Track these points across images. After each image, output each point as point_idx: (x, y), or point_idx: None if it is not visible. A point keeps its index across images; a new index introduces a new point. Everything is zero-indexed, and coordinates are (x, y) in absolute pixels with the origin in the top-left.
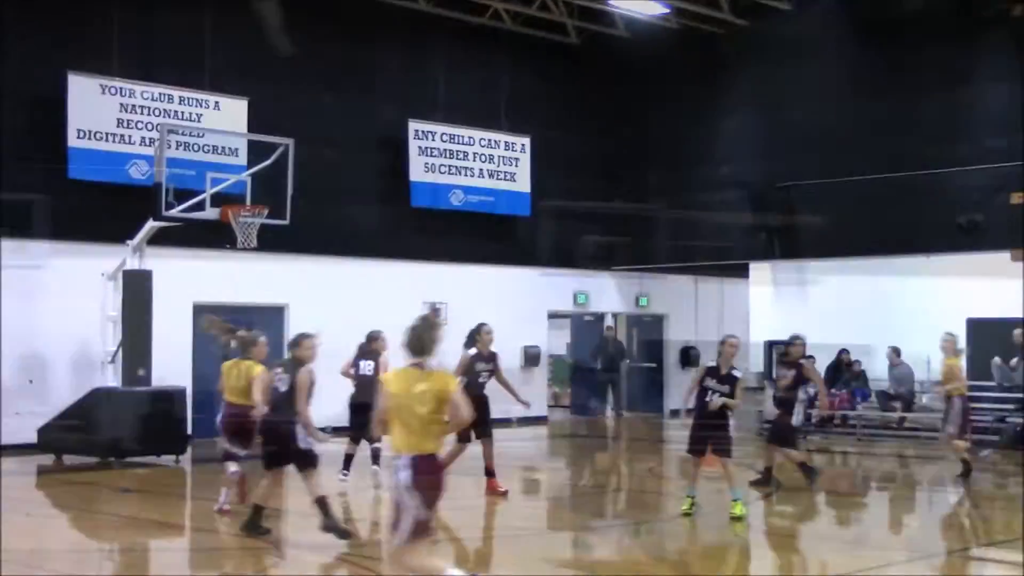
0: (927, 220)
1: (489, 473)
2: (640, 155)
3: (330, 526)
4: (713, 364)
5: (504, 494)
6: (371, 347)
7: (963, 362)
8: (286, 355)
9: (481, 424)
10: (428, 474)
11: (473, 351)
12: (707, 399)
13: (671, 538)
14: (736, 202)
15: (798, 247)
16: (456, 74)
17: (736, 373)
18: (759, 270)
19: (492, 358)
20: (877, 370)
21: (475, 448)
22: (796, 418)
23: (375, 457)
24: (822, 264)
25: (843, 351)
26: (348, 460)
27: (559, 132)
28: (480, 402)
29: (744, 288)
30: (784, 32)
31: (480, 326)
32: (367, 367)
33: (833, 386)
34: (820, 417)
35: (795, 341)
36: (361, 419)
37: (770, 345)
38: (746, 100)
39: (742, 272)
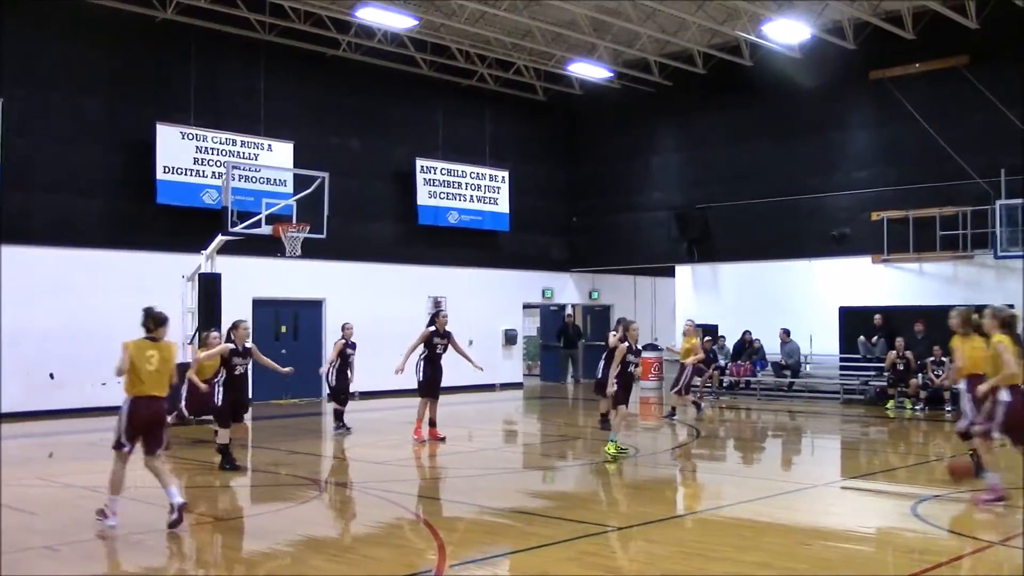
0: (808, 232)
1: (432, 424)
2: (593, 183)
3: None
4: (628, 344)
5: (443, 439)
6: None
7: (699, 340)
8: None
9: (436, 385)
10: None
11: (432, 328)
12: (629, 370)
13: (615, 475)
14: (665, 220)
15: (712, 253)
16: (452, 122)
17: (640, 351)
18: (683, 271)
19: (447, 335)
20: (772, 347)
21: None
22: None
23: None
24: (730, 266)
25: (746, 332)
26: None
27: (531, 166)
28: (436, 368)
29: (671, 284)
30: (699, 90)
31: (438, 311)
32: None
33: (738, 359)
34: (731, 382)
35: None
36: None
37: None
38: (672, 142)
39: (670, 272)
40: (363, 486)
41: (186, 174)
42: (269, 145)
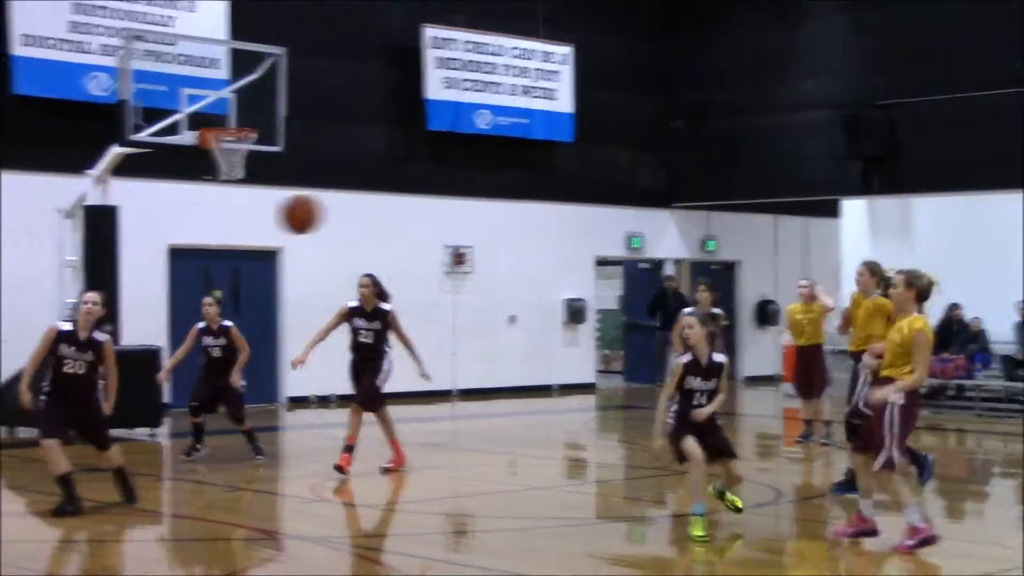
0: None
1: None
2: (706, 67)
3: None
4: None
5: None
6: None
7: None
8: None
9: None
10: None
11: (352, 303)
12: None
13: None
14: (825, 125)
15: (901, 180)
16: None
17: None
18: (853, 207)
19: (377, 315)
20: (1001, 330)
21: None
22: None
23: None
24: (930, 200)
25: (955, 306)
26: None
27: (607, 39)
28: (362, 367)
29: (834, 229)
30: None
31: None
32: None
33: (944, 349)
34: (932, 387)
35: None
36: None
37: None
38: (838, 1)
39: (831, 210)
40: (360, 542)
41: (59, 48)
42: (191, 4)
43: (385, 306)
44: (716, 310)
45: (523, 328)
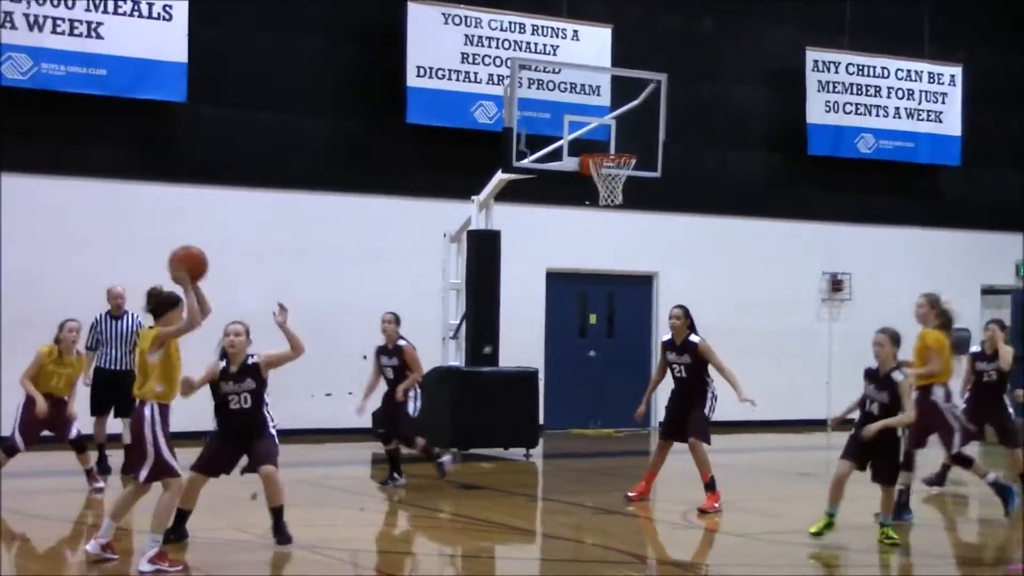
0: None
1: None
2: None
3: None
4: None
5: None
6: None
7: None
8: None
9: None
10: None
11: (666, 337)
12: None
13: None
14: None
15: None
16: None
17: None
18: None
19: (686, 348)
20: None
21: None
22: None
23: None
24: None
25: None
26: None
27: (1001, 57)
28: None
29: None
30: None
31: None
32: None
33: None
34: None
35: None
36: None
37: None
38: None
39: None
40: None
41: (451, 78)
42: (575, 32)
43: (694, 338)
44: None
45: (901, 356)
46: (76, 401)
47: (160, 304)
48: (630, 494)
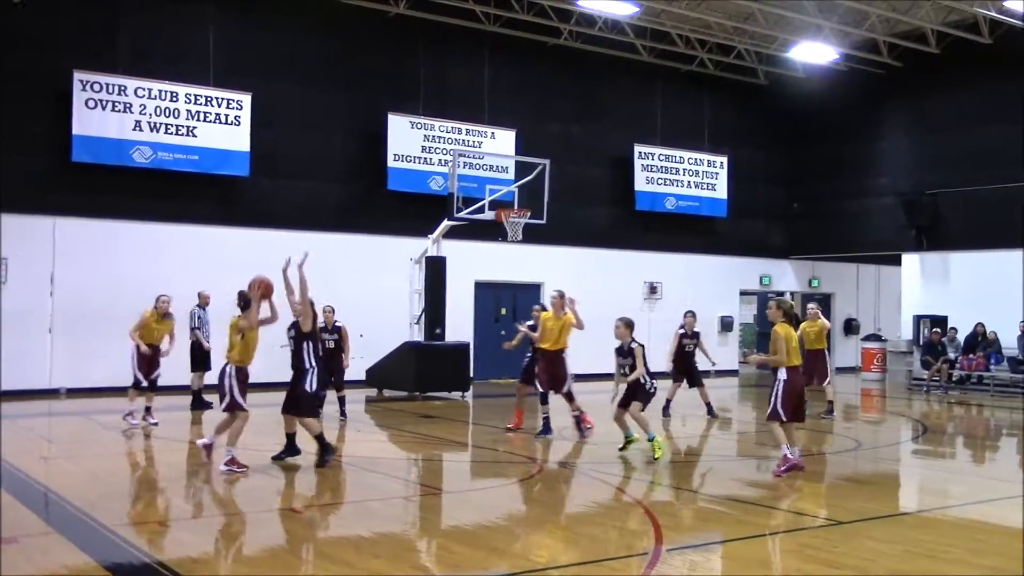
0: None
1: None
2: (815, 168)
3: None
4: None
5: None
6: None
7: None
8: None
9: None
10: None
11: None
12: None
13: (836, 467)
14: (891, 206)
15: (942, 241)
16: (670, 107)
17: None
18: (910, 260)
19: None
20: (1007, 340)
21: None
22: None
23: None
24: (962, 255)
25: (979, 324)
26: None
27: (750, 151)
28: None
29: (897, 274)
30: (931, 71)
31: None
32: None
33: (970, 353)
34: (962, 376)
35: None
36: None
37: (918, 319)
38: (901, 125)
39: (895, 261)
40: (578, 467)
41: (415, 162)
42: (493, 133)
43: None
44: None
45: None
46: (170, 352)
47: (243, 303)
48: (509, 426)
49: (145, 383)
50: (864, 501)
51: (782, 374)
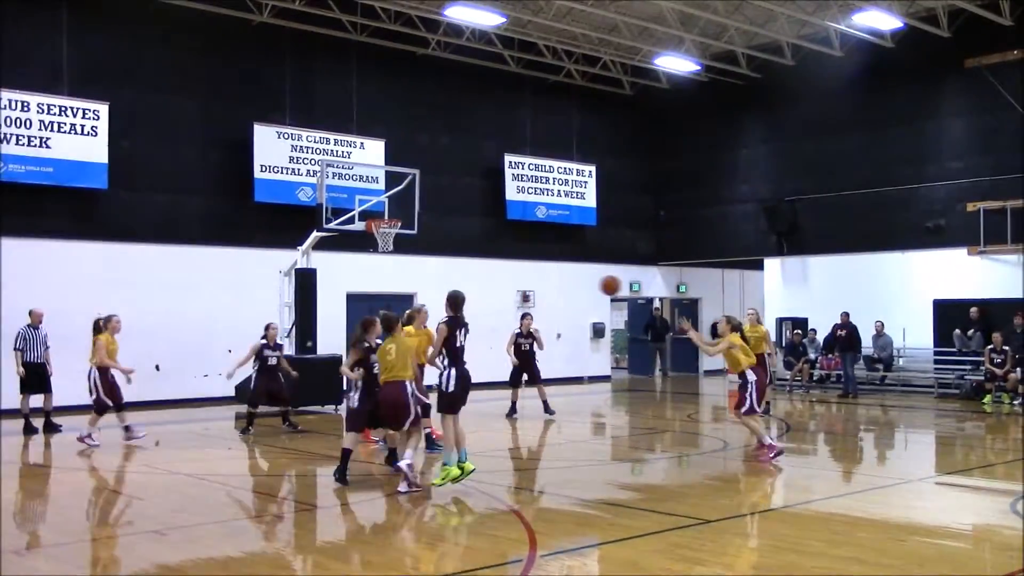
0: (901, 224)
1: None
2: (680, 177)
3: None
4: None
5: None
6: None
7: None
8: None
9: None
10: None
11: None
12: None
13: (704, 467)
14: (753, 213)
15: (801, 246)
16: (539, 119)
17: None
18: (771, 264)
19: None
20: (864, 340)
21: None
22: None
23: None
24: (820, 259)
25: (836, 325)
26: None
27: (618, 161)
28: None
29: (760, 278)
30: (788, 82)
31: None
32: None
33: (830, 352)
34: (822, 376)
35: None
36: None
37: (780, 321)
38: (760, 135)
39: (758, 265)
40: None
41: (282, 172)
42: (362, 143)
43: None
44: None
45: (565, 340)
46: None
47: (388, 325)
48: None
49: (112, 404)
50: (732, 499)
51: (751, 375)
